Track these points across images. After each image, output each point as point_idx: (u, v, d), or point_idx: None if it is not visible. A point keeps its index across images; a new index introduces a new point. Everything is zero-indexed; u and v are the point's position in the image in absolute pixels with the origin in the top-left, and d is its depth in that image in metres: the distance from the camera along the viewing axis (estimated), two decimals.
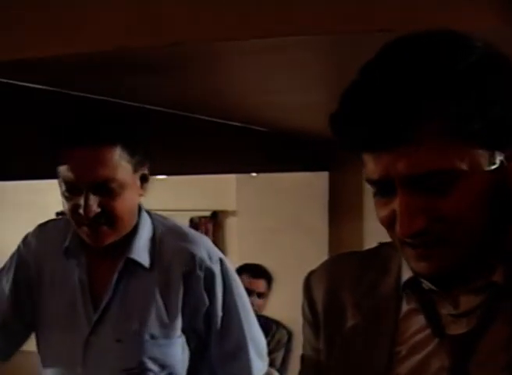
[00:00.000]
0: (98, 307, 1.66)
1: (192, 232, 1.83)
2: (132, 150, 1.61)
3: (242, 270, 3.72)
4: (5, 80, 1.71)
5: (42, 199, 6.04)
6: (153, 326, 1.66)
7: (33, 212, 6.54)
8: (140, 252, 1.68)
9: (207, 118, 2.76)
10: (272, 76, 1.88)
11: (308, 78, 1.98)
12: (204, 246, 1.76)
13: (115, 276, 1.66)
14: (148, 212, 1.77)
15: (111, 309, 1.65)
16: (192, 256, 1.71)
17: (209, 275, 1.72)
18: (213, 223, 5.42)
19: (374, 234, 5.23)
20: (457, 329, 0.95)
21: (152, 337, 1.66)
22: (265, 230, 4.82)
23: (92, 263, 1.70)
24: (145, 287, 1.68)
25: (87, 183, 1.55)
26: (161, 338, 1.67)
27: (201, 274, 1.70)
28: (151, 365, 1.65)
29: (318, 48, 1.54)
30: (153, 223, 1.74)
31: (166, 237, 1.73)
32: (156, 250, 1.70)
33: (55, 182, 1.87)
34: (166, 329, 1.68)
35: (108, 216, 1.58)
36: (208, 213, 5.44)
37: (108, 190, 1.57)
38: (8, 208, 6.17)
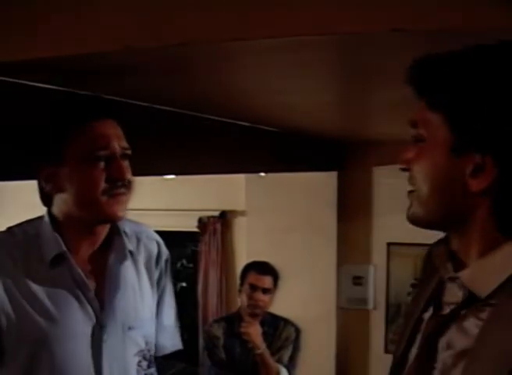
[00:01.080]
0: (102, 303, 1.68)
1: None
2: None
3: (249, 267, 3.73)
4: (5, 79, 1.72)
5: None
6: (149, 307, 1.83)
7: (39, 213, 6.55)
8: (128, 241, 1.81)
9: (216, 118, 2.77)
10: (281, 76, 1.89)
11: (317, 79, 1.98)
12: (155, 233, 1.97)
13: (117, 267, 1.73)
14: None
15: (117, 301, 1.71)
16: (157, 241, 1.91)
17: (165, 257, 1.92)
18: (221, 223, 5.43)
19: (382, 233, 5.24)
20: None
21: (150, 317, 1.84)
22: (274, 229, 4.83)
23: (80, 264, 1.69)
24: (137, 272, 1.81)
25: (120, 150, 1.65)
26: (151, 318, 1.84)
27: (163, 257, 1.91)
28: (151, 343, 1.81)
29: (327, 49, 1.54)
30: None
31: (128, 227, 1.84)
32: (129, 237, 1.83)
33: None
34: (152, 308, 1.86)
35: (129, 184, 1.68)
36: (216, 213, 5.45)
37: (126, 160, 1.67)
38: (13, 209, 6.18)
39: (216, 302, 5.46)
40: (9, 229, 1.74)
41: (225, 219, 5.46)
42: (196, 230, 5.53)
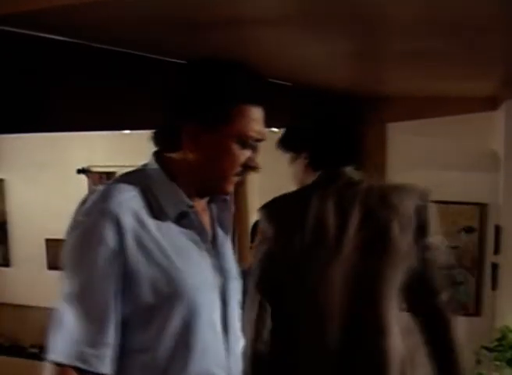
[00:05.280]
0: (218, 254, 1.74)
1: None
2: None
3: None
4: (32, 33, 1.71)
5: (66, 157, 6.10)
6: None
7: (57, 170, 6.59)
8: None
9: None
10: (294, 28, 1.87)
11: (332, 31, 1.96)
12: None
13: (221, 218, 1.80)
14: None
15: (227, 251, 1.80)
16: None
17: None
18: None
19: None
20: None
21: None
22: (287, 187, 4.81)
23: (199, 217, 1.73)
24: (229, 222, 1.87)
25: (261, 139, 1.66)
26: None
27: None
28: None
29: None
30: None
31: None
32: None
33: (78, 139, 1.97)
34: None
35: None
36: None
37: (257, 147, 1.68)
38: (31, 167, 6.23)
39: None
40: (119, 185, 1.62)
41: None
42: None
